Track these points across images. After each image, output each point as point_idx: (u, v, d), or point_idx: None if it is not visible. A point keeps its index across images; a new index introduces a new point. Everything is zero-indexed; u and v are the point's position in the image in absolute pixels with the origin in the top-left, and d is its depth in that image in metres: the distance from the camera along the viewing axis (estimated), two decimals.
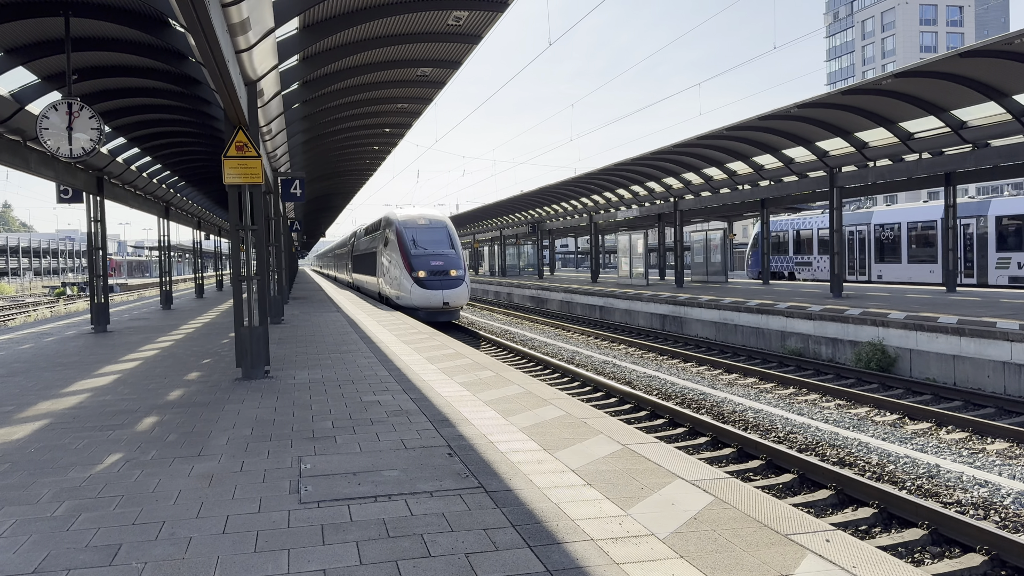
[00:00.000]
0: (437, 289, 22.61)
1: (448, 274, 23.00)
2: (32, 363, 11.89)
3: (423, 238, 24.17)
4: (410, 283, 22.77)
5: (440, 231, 24.72)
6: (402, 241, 23.90)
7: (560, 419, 6.82)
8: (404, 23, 11.62)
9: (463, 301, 23.17)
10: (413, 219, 25.02)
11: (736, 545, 3.86)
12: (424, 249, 23.63)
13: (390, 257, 24.91)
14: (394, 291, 24.19)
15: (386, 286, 25.83)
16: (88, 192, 17.11)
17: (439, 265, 23.09)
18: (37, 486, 5.19)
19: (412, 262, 23.13)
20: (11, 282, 78.11)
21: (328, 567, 3.71)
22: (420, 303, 22.61)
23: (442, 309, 22.75)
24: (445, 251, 23.80)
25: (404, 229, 24.34)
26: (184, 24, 8.39)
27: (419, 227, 24.54)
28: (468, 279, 23.69)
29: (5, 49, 10.76)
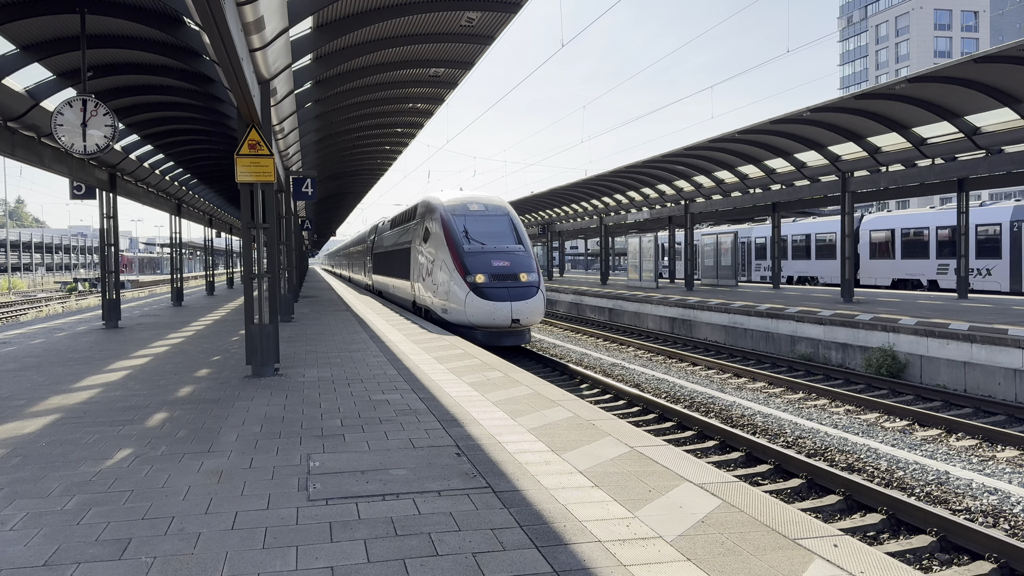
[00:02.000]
0: (503, 300, 16.20)
1: (517, 279, 16.63)
2: (43, 358, 11.97)
3: (479, 229, 17.87)
4: (464, 291, 16.43)
5: (500, 219, 18.32)
6: (450, 234, 17.52)
7: (568, 420, 6.82)
8: (417, 23, 11.65)
9: (538, 318, 16.63)
10: (463, 203, 18.65)
11: (743, 549, 3.85)
12: (481, 244, 17.35)
13: (432, 255, 18.31)
14: (440, 301, 17.53)
15: (427, 294, 18.91)
16: (101, 189, 17.22)
17: (504, 267, 16.74)
18: (48, 480, 5.23)
19: (467, 262, 16.80)
20: (23, 277, 78.64)
21: (336, 564, 3.72)
22: (479, 319, 16.27)
23: (510, 329, 16.40)
24: (510, 247, 17.44)
25: (452, 217, 17.94)
26: (199, 22, 8.44)
27: (472, 214, 18.27)
28: (544, 286, 17.32)
29: (21, 45, 10.85)
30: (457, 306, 16.64)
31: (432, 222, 18.65)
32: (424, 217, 19.65)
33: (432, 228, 18.59)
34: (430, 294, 18.48)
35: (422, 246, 19.37)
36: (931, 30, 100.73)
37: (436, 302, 17.94)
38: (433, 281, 18.16)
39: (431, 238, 18.55)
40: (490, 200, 19.09)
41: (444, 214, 18.15)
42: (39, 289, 64.97)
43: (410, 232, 21.57)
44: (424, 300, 19.40)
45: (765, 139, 22.39)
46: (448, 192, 19.82)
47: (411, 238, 21.21)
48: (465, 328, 16.73)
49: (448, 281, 17.03)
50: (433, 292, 18.12)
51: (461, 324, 16.72)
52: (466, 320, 16.47)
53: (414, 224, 21.17)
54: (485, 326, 16.36)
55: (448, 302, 16.99)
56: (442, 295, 17.38)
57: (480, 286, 16.39)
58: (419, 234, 19.94)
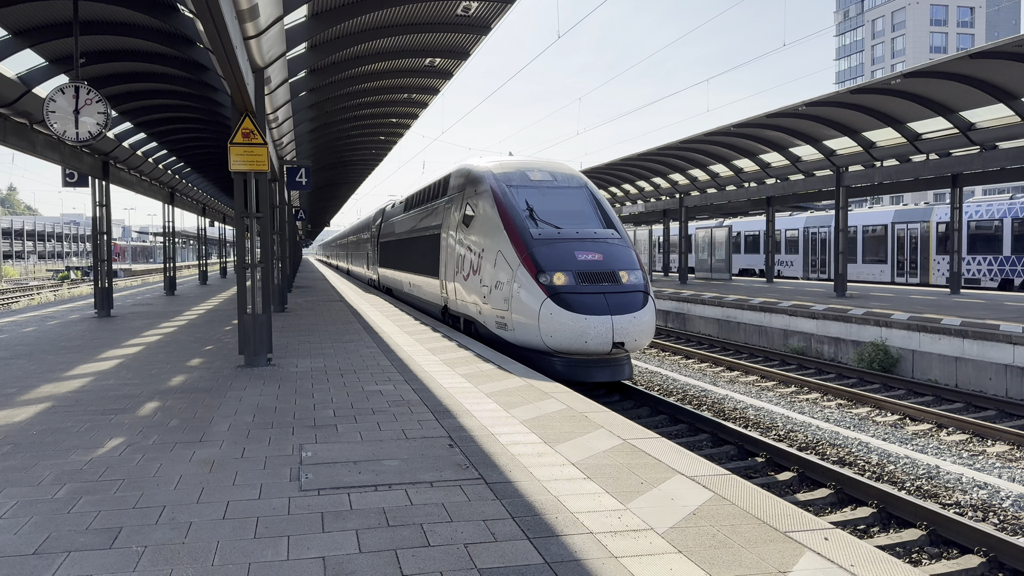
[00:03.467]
0: (599, 314, 10.66)
1: (616, 280, 11.15)
2: (35, 346, 11.92)
3: (548, 207, 12.33)
4: (536, 299, 10.81)
5: (576, 193, 12.85)
6: (508, 213, 11.99)
7: (561, 412, 6.82)
8: (413, 12, 11.59)
9: (647, 339, 11.05)
10: (519, 171, 13.10)
11: (734, 541, 3.86)
12: (556, 229, 11.73)
13: (479, 244, 12.62)
14: (494, 311, 11.84)
15: (469, 299, 13.13)
16: (94, 176, 17.13)
17: (594, 262, 11.31)
18: (38, 468, 5.21)
19: (538, 255, 11.22)
20: (15, 265, 78.30)
21: (327, 554, 3.72)
22: (562, 342, 10.63)
23: (609, 357, 10.93)
24: (599, 232, 11.94)
25: (509, 190, 12.46)
26: (193, 9, 8.38)
27: (535, 186, 12.75)
28: (652, 292, 11.61)
29: (13, 31, 10.76)
30: (525, 320, 10.91)
31: (477, 198, 13.00)
32: (463, 191, 13.94)
33: (477, 206, 12.90)
34: (476, 299, 12.63)
35: (460, 232, 13.66)
36: (927, 25, 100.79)
37: (488, 312, 12.05)
38: (481, 281, 12.32)
39: (477, 220, 12.83)
40: (556, 167, 13.47)
41: (496, 186, 12.48)
42: (31, 277, 64.72)
43: (438, 213, 15.90)
44: (464, 308, 13.55)
45: (760, 133, 22.39)
46: (492, 156, 14.37)
47: (440, 221, 15.54)
48: (534, 353, 11.10)
49: (509, 283, 11.29)
50: (481, 297, 12.30)
51: (530, 347, 11.08)
52: (539, 342, 10.76)
53: (444, 203, 15.39)
54: (571, 351, 10.66)
55: (510, 313, 11.24)
56: (497, 303, 11.60)
57: (563, 291, 10.70)
58: (454, 215, 14.29)
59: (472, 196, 13.29)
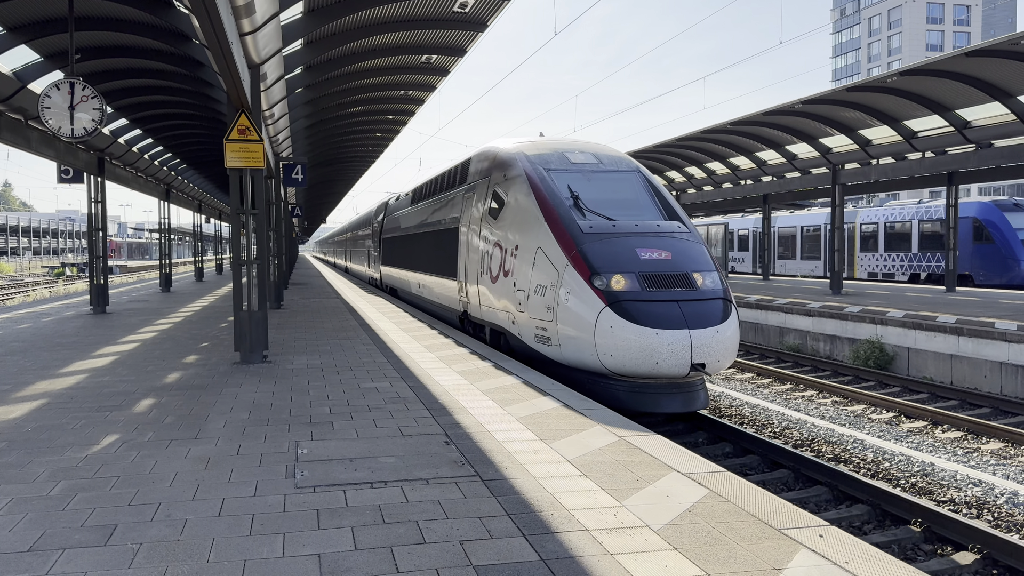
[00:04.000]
0: (674, 327, 8.57)
1: (689, 284, 9.08)
2: (30, 343, 11.89)
3: (595, 194, 10.32)
4: (592, 308, 8.77)
5: (628, 179, 10.77)
6: (548, 201, 10.02)
7: (557, 410, 6.83)
8: (410, 8, 11.57)
9: (729, 359, 8.94)
10: (558, 152, 11.10)
11: (729, 538, 3.87)
12: (609, 221, 9.74)
13: (513, 240, 10.55)
14: (533, 321, 9.78)
15: (498, 305, 10.98)
16: (89, 173, 17.08)
17: (661, 261, 9.29)
18: (33, 465, 5.20)
19: (590, 253, 9.23)
20: (10, 262, 78.09)
21: (323, 552, 3.72)
22: (626, 362, 8.55)
23: (685, 381, 8.90)
24: (661, 224, 9.89)
25: (547, 174, 10.46)
26: (188, 5, 8.36)
27: (578, 170, 10.73)
28: (733, 298, 9.46)
29: (8, 27, 10.72)
30: (576, 335, 8.82)
31: (507, 184, 10.91)
32: (488, 178, 11.90)
33: (508, 194, 10.81)
34: (507, 307, 10.48)
35: (485, 226, 11.52)
36: (923, 24, 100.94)
37: (524, 322, 9.94)
38: (514, 285, 10.20)
39: (507, 211, 10.72)
40: (599, 148, 11.49)
41: (531, 170, 10.48)
42: (26, 274, 64.55)
43: (456, 205, 13.88)
44: (490, 316, 11.37)
45: (757, 131, 22.41)
46: (521, 137, 12.30)
47: (458, 213, 13.48)
48: (585, 375, 9.09)
49: (553, 287, 9.23)
50: (515, 304, 10.17)
51: (582, 368, 9.02)
52: (595, 361, 8.67)
53: (463, 192, 13.43)
54: (636, 374, 8.55)
55: (554, 325, 9.17)
56: (537, 311, 9.55)
57: (626, 299, 8.61)
58: (476, 207, 12.21)
59: (500, 183, 11.16)
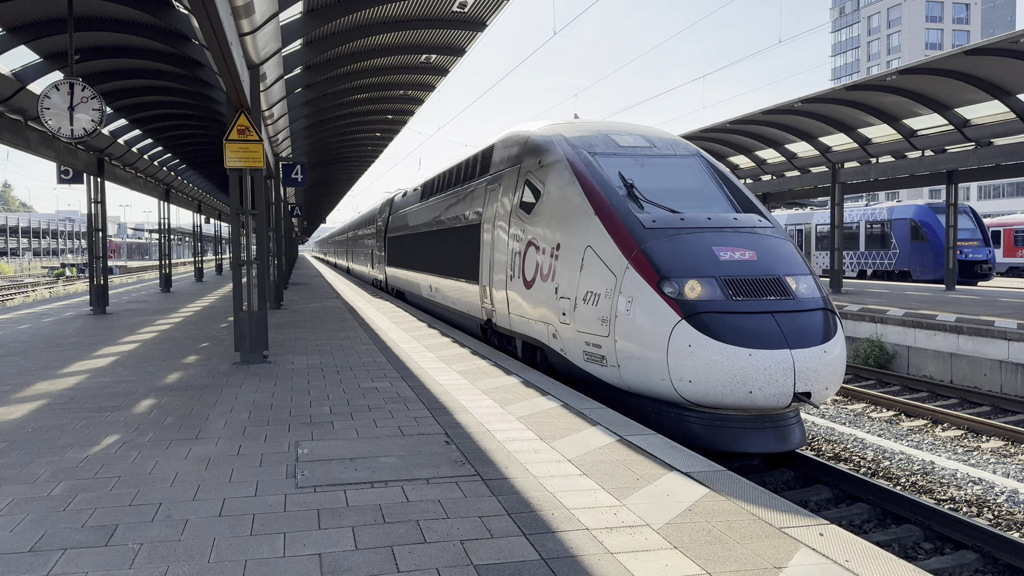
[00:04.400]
0: (773, 347, 6.69)
1: (783, 292, 7.21)
2: (30, 343, 11.89)
3: (652, 183, 8.67)
4: (664, 322, 6.96)
5: (688, 164, 9.22)
6: (597, 190, 8.31)
7: (557, 409, 6.83)
8: (409, 8, 11.57)
9: (837, 385, 7.04)
10: (602, 134, 9.57)
11: (730, 537, 3.87)
12: (675, 215, 8.01)
13: (552, 237, 8.89)
14: (585, 336, 7.94)
15: (540, 314, 9.14)
16: (89, 173, 17.08)
17: (744, 263, 7.42)
18: (34, 466, 5.20)
19: (657, 253, 7.42)
20: (10, 262, 78.09)
21: (323, 551, 3.72)
22: (711, 390, 6.72)
23: (786, 411, 7.15)
24: (738, 218, 8.17)
25: (593, 159, 8.88)
26: (188, 6, 8.36)
27: (629, 154, 9.16)
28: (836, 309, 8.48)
29: (7, 27, 10.72)
30: (642, 354, 7.16)
31: (544, 172, 9.31)
32: (518, 166, 10.30)
33: (545, 184, 9.18)
34: (546, 316, 8.82)
35: (516, 221, 9.94)
36: (923, 22, 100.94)
37: (569, 336, 8.25)
38: (556, 291, 8.53)
39: (545, 204, 9.10)
40: (648, 130, 9.91)
41: (573, 155, 8.88)
42: (26, 274, 64.54)
43: (476, 198, 12.21)
44: (523, 327, 9.71)
45: (756, 129, 22.41)
46: (551, 119, 10.68)
47: (480, 208, 11.82)
48: (651, 403, 7.41)
49: (609, 294, 7.56)
50: (557, 314, 8.50)
51: (649, 394, 7.36)
52: (667, 388, 7.02)
53: (486, 184, 11.68)
54: (723, 405, 6.87)
55: (611, 341, 7.48)
56: (587, 323, 7.86)
57: (708, 309, 6.96)
58: (503, 200, 10.57)
59: (535, 171, 9.54)
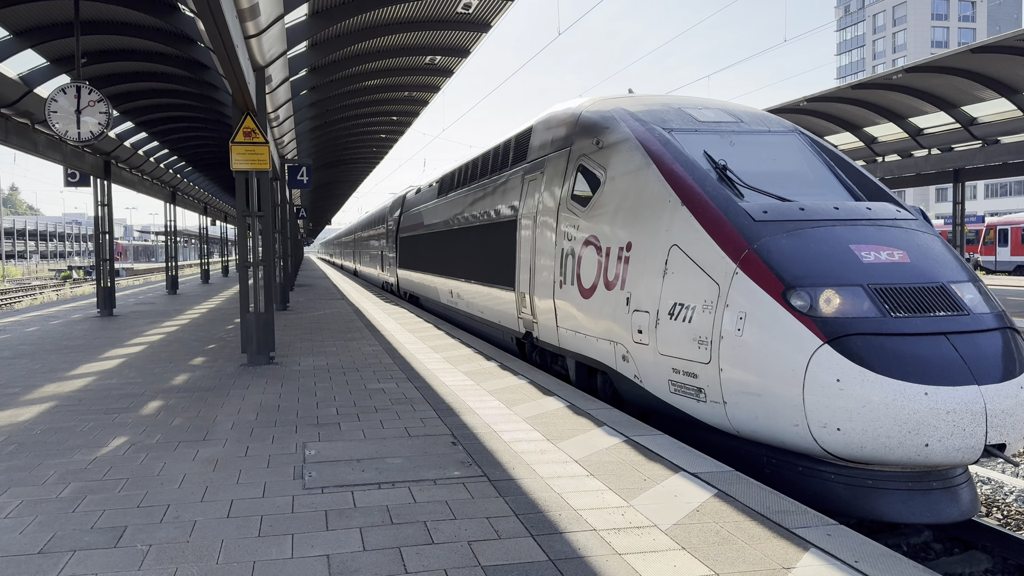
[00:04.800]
0: (956, 383, 4.61)
1: (952, 306, 5.13)
2: (38, 346, 11.94)
3: (747, 165, 6.75)
4: (797, 348, 4.99)
5: (787, 142, 7.29)
6: (681, 174, 6.43)
7: (564, 410, 6.82)
8: (414, 10, 11.59)
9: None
10: (674, 108, 7.74)
11: (738, 538, 3.86)
12: (792, 204, 6.03)
13: (621, 234, 7.06)
14: (673, 359, 6.06)
15: (603, 328, 7.25)
16: (95, 176, 17.15)
17: (895, 266, 5.34)
18: (43, 468, 5.22)
19: (778, 251, 5.50)
20: (18, 265, 78.41)
21: (331, 552, 3.73)
22: (868, 441, 4.73)
23: (944, 472, 5.08)
24: (872, 207, 6.10)
25: (672, 136, 7.03)
26: (193, 9, 8.39)
27: (712, 130, 7.25)
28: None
29: (14, 31, 10.77)
30: (764, 389, 5.26)
31: (606, 153, 7.67)
32: (567, 148, 8.69)
33: (609, 167, 7.56)
34: (612, 332, 7.15)
35: (567, 215, 8.35)
36: (928, 20, 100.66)
37: (647, 359, 6.52)
38: (626, 301, 6.89)
39: (609, 191, 7.48)
40: (729, 104, 8.29)
41: (643, 132, 7.24)
42: (33, 277, 64.79)
43: (510, 190, 10.65)
44: (579, 344, 8.00)
45: None
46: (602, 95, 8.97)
47: (515, 201, 10.30)
48: (770, 450, 5.68)
49: (711, 306, 5.76)
50: (629, 330, 6.80)
51: (772, 441, 5.48)
52: (804, 436, 5.12)
53: (524, 172, 10.10)
54: (888, 461, 4.89)
55: (717, 370, 5.62)
56: (678, 344, 6.08)
57: (858, 329, 4.99)
58: (548, 190, 9.02)
59: (591, 154, 7.92)
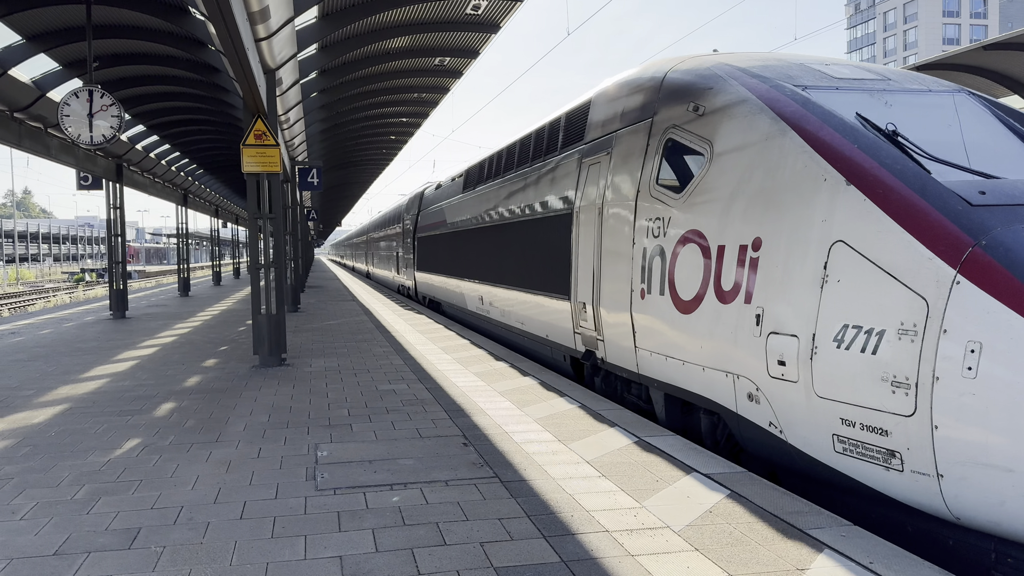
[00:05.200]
0: None
1: None
2: (52, 348, 12.01)
3: (926, 133, 5.09)
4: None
5: (961, 103, 5.63)
6: (838, 143, 4.82)
7: (575, 410, 6.82)
8: (423, 11, 11.61)
9: None
10: (799, 64, 6.15)
11: (751, 539, 3.85)
12: (1015, 183, 4.46)
13: (750, 228, 5.28)
14: (855, 408, 4.27)
15: (720, 355, 5.47)
16: (107, 179, 17.25)
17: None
18: (57, 470, 5.26)
19: (1014, 252, 3.84)
20: (31, 268, 78.95)
21: (344, 554, 3.73)
22: None
23: None
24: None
25: (808, 95, 5.42)
26: (204, 12, 8.42)
27: (858, 88, 5.59)
28: None
29: (27, 36, 10.85)
30: (1018, 459, 3.55)
31: (712, 122, 6.03)
32: (648, 120, 7.12)
33: (717, 138, 5.90)
34: (732, 357, 5.38)
35: (652, 204, 6.74)
36: (939, 17, 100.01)
37: (798, 406, 4.73)
38: (755, 318, 5.12)
39: (719, 171, 5.78)
40: (853, 62, 6.71)
41: (768, 91, 5.63)
42: (47, 279, 65.22)
43: (562, 177, 9.14)
44: (671, 373, 6.35)
45: None
46: (687, 54, 7.95)
47: (570, 191, 8.81)
48: (1009, 547, 3.84)
49: (912, 332, 4.02)
50: (765, 360, 5.00)
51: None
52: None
53: (583, 153, 8.57)
54: None
55: (933, 426, 3.86)
56: (854, 385, 4.30)
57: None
58: (620, 174, 7.47)
59: (688, 124, 6.37)
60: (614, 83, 8.16)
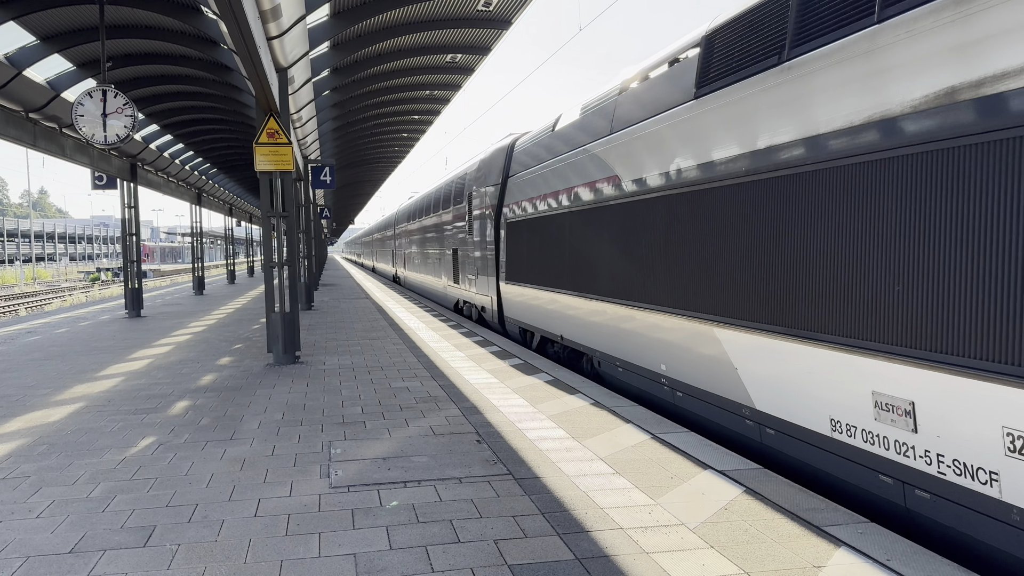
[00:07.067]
0: None
1: None
2: (68, 347, 12.10)
3: None
4: None
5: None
6: None
7: (588, 407, 6.79)
8: (434, 8, 11.59)
9: None
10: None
11: (768, 536, 3.81)
12: None
13: None
14: None
15: None
16: (122, 179, 17.35)
17: None
18: (73, 468, 5.29)
19: None
20: (47, 267, 79.64)
21: (358, 551, 3.73)
22: None
23: None
24: None
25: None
26: (216, 11, 8.44)
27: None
28: None
29: (41, 36, 10.91)
30: None
31: None
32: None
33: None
34: None
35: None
36: None
37: None
38: None
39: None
40: None
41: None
42: (63, 279, 65.75)
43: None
44: None
45: None
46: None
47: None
48: None
49: None
50: None
51: None
52: None
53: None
54: None
55: None
56: None
57: None
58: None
59: None
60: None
